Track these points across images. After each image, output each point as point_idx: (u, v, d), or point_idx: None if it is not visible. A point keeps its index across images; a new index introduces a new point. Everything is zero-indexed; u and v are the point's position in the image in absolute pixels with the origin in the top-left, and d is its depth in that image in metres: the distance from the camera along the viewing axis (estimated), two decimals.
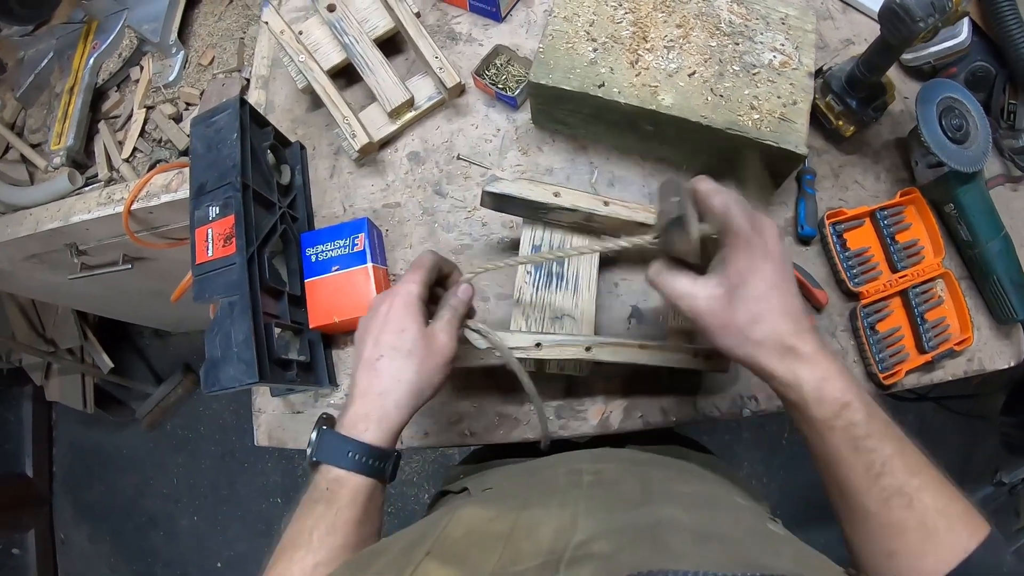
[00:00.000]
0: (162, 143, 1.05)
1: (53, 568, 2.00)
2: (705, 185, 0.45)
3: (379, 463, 0.46)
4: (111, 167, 1.05)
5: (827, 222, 0.71)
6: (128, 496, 1.99)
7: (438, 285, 0.54)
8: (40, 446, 2.07)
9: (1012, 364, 0.73)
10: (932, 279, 0.73)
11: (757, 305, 0.42)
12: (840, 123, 0.73)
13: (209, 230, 0.61)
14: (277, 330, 0.63)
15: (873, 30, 0.82)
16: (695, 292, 0.44)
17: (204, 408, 2.01)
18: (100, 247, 1.10)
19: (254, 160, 0.67)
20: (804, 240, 0.73)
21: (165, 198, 0.93)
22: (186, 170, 0.90)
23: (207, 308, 0.61)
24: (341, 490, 0.45)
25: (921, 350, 0.71)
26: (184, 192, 0.92)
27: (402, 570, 0.31)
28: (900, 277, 0.72)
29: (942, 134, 0.69)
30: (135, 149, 1.06)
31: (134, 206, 0.93)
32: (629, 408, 0.67)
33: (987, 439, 1.65)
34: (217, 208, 0.62)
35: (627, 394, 0.67)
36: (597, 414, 0.66)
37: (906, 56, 0.79)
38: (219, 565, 1.86)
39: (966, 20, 0.77)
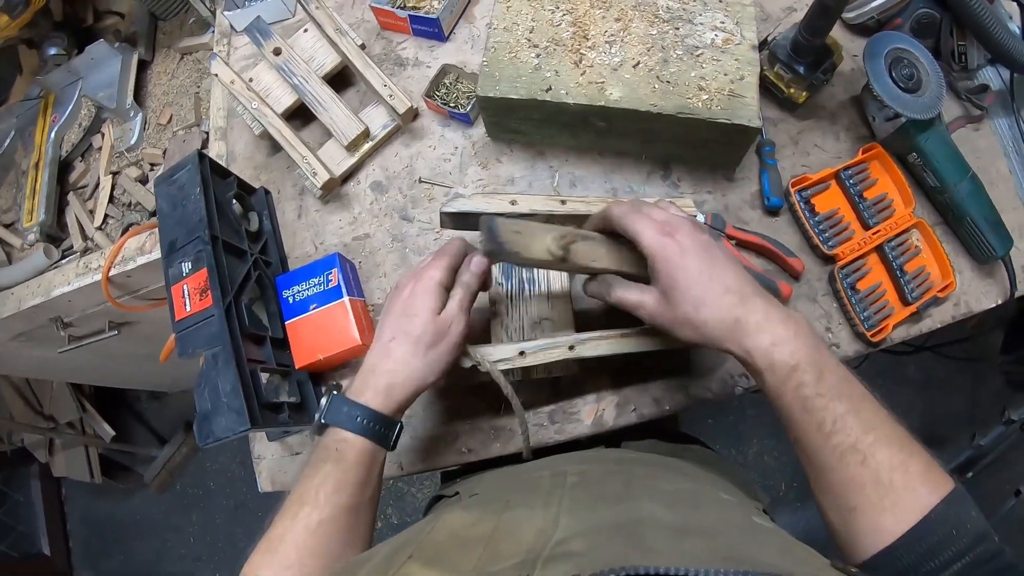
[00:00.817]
0: (131, 206, 1.06)
1: None
2: (615, 210, 0.50)
3: (383, 429, 0.50)
4: (85, 236, 1.07)
5: (792, 190, 0.72)
6: (148, 561, 1.99)
7: None
8: (54, 523, 2.07)
9: (999, 302, 0.74)
10: (906, 230, 0.74)
11: (693, 295, 0.46)
12: (792, 91, 0.75)
13: (184, 286, 0.63)
14: (264, 375, 0.64)
15: None
16: (643, 300, 0.49)
17: (211, 463, 2.01)
18: (85, 317, 1.11)
19: (220, 211, 0.69)
20: (772, 211, 0.74)
21: (141, 260, 0.95)
22: (157, 230, 0.92)
23: (197, 363, 0.63)
24: (349, 451, 0.49)
25: (905, 302, 0.72)
26: (158, 252, 0.94)
27: (385, 572, 0.33)
28: (873, 233, 0.73)
29: (894, 85, 0.70)
30: (106, 216, 1.08)
31: (112, 272, 0.94)
32: (621, 403, 0.68)
33: (991, 380, 1.68)
34: (189, 263, 0.63)
35: (617, 389, 0.68)
36: (590, 414, 0.67)
37: (848, 15, 0.80)
38: None
39: None
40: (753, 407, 1.78)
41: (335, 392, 0.52)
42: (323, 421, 0.51)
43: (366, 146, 0.78)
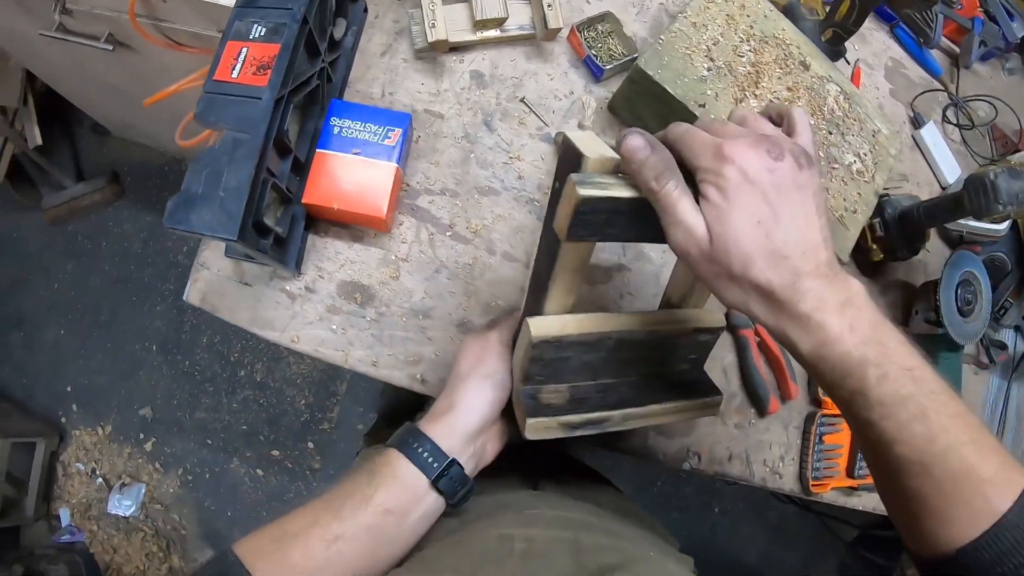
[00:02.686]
0: None
1: None
2: (675, 128, 0.39)
3: (430, 457, 0.46)
4: None
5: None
6: (2, 285, 1.75)
7: None
8: None
9: None
10: None
11: (739, 248, 0.35)
12: (874, 247, 0.73)
13: (244, 48, 0.51)
14: (272, 194, 0.54)
15: (929, 178, 0.84)
16: (695, 224, 0.36)
17: (115, 225, 1.78)
18: (88, 14, 0.93)
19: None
20: None
21: None
22: None
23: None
24: (384, 468, 0.46)
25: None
26: None
27: None
28: None
29: (954, 301, 0.72)
30: None
31: None
32: None
33: (831, 557, 1.81)
34: (264, 30, 0.51)
35: None
36: None
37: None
38: (69, 389, 1.68)
39: None
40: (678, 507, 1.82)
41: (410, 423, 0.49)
42: (387, 443, 0.48)
43: (493, 33, 0.68)
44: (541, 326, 0.45)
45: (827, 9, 0.73)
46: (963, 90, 0.88)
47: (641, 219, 0.38)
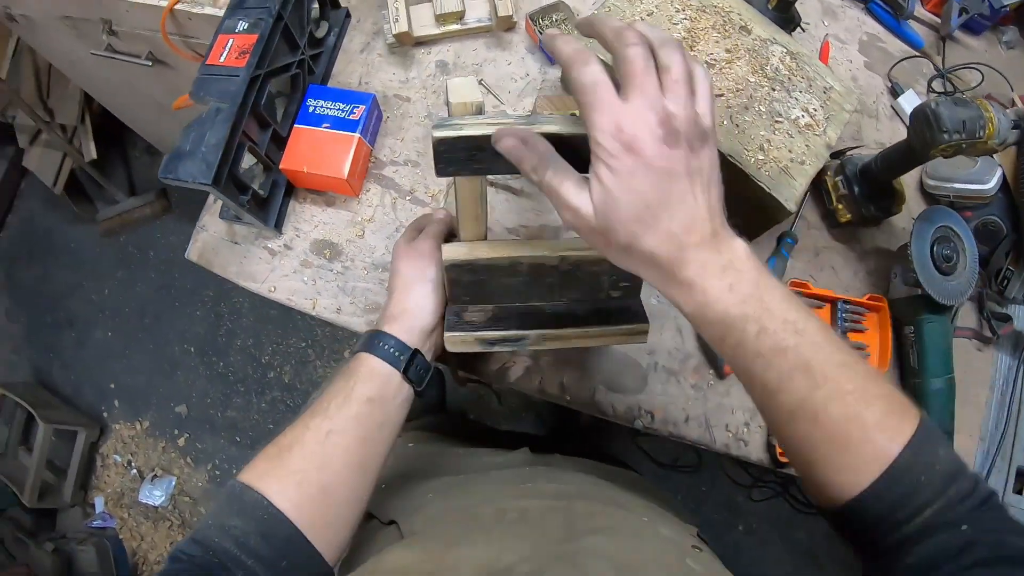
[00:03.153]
0: None
1: None
2: (575, 55, 0.40)
3: (395, 351, 0.54)
4: None
5: (790, 288, 0.75)
6: (58, 289, 2.05)
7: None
8: None
9: None
10: None
11: (625, 227, 0.39)
12: (839, 206, 0.77)
13: (231, 40, 0.66)
14: (250, 161, 0.68)
15: None
16: (579, 206, 0.39)
17: (162, 237, 2.05)
18: (131, 35, 1.14)
19: (297, 2, 0.72)
20: None
21: (209, 10, 0.97)
22: None
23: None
24: (360, 368, 0.53)
25: None
26: None
27: None
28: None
29: (929, 257, 0.72)
30: None
31: (178, 6, 0.97)
32: (532, 369, 0.72)
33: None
34: (246, 24, 0.67)
35: (536, 355, 0.72)
36: (499, 361, 0.71)
37: (929, 181, 0.83)
38: (112, 386, 1.92)
39: (998, 172, 0.81)
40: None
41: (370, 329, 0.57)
42: (353, 352, 0.55)
43: (454, 27, 0.81)
44: (451, 251, 0.55)
45: None
46: (952, 62, 0.92)
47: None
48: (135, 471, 1.84)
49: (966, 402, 0.77)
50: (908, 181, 0.83)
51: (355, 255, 0.74)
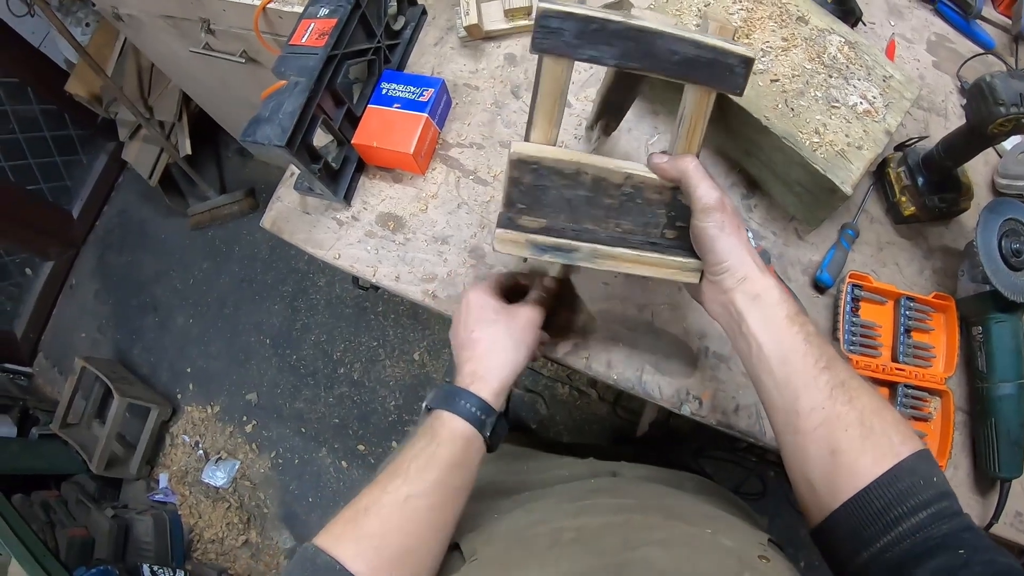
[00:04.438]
0: None
1: (51, 304, 2.28)
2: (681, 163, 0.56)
3: (479, 413, 0.54)
4: None
5: (848, 280, 0.74)
6: (146, 276, 2.23)
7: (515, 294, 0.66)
8: (95, 197, 2.34)
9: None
10: (930, 390, 0.73)
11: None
12: (903, 198, 0.76)
13: (312, 23, 0.74)
14: (324, 137, 0.75)
15: (988, 152, 0.83)
16: (717, 197, 0.54)
17: (248, 233, 2.20)
18: (227, 33, 1.27)
19: None
20: (818, 287, 0.76)
21: (297, 8, 1.07)
22: None
23: None
24: (442, 429, 0.53)
25: (895, 358, 0.73)
26: None
27: None
28: (898, 369, 0.72)
29: (997, 251, 0.69)
30: None
31: (270, 5, 1.08)
32: (579, 346, 0.74)
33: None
34: (327, 10, 0.74)
35: (585, 334, 0.74)
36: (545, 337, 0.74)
37: (1001, 180, 0.81)
38: (188, 370, 2.07)
39: None
40: None
41: (444, 381, 0.60)
42: (428, 407, 0.55)
43: (523, 22, 0.86)
44: (521, 148, 0.56)
45: None
46: None
47: (602, 40, 0.51)
48: (201, 452, 1.95)
49: None
50: (979, 181, 0.81)
51: (417, 228, 0.79)
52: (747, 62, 0.54)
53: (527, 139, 0.57)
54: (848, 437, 0.45)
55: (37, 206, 2.16)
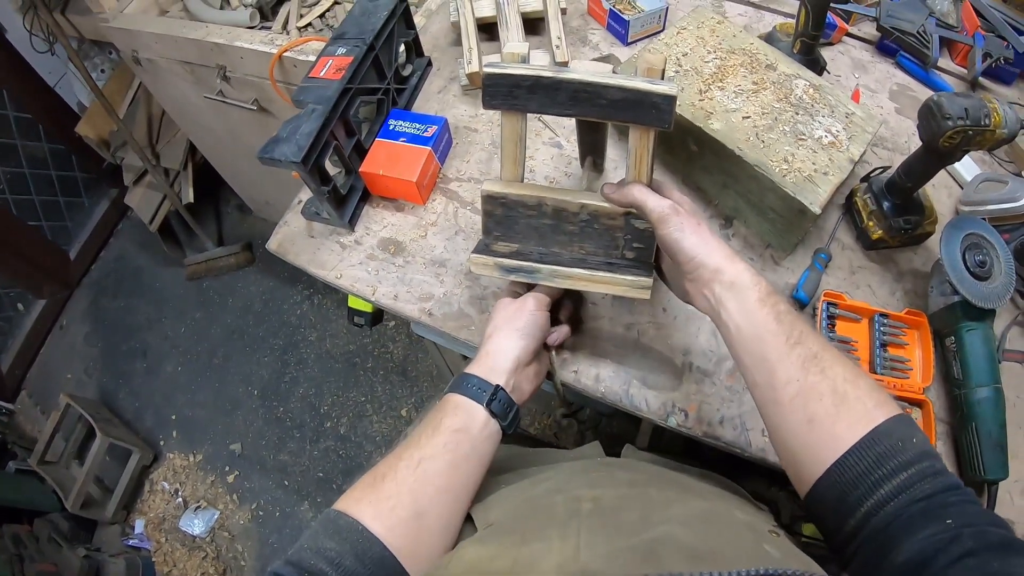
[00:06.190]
0: (333, 28, 1.32)
1: (40, 343, 2.30)
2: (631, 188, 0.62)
3: (477, 388, 0.60)
4: (285, 28, 1.33)
5: (823, 298, 0.79)
6: (138, 322, 2.26)
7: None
8: (94, 241, 2.40)
9: None
10: (910, 400, 0.76)
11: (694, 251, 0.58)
12: (870, 223, 0.83)
13: (330, 60, 0.83)
14: (334, 167, 0.82)
15: (947, 180, 0.91)
16: (662, 202, 0.61)
17: (242, 286, 2.26)
18: (242, 81, 1.37)
19: (388, 39, 0.89)
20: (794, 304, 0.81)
21: (312, 58, 1.18)
22: None
23: (288, 202, 0.84)
24: (447, 404, 0.60)
25: (872, 370, 0.76)
26: None
27: None
28: (876, 380, 0.74)
29: (961, 262, 0.73)
30: (309, 24, 1.34)
31: (287, 53, 1.18)
32: (568, 360, 0.78)
33: None
34: (344, 50, 0.83)
35: (575, 349, 0.78)
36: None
37: (964, 208, 0.87)
38: (173, 417, 2.06)
39: None
40: None
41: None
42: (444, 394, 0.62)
43: None
44: (490, 186, 0.66)
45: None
46: None
47: (539, 93, 0.60)
48: (180, 499, 1.92)
49: (1021, 422, 0.76)
50: (944, 212, 0.88)
51: (416, 252, 0.85)
52: (670, 99, 0.58)
53: (501, 177, 0.67)
54: (823, 406, 0.47)
55: (36, 242, 2.20)
